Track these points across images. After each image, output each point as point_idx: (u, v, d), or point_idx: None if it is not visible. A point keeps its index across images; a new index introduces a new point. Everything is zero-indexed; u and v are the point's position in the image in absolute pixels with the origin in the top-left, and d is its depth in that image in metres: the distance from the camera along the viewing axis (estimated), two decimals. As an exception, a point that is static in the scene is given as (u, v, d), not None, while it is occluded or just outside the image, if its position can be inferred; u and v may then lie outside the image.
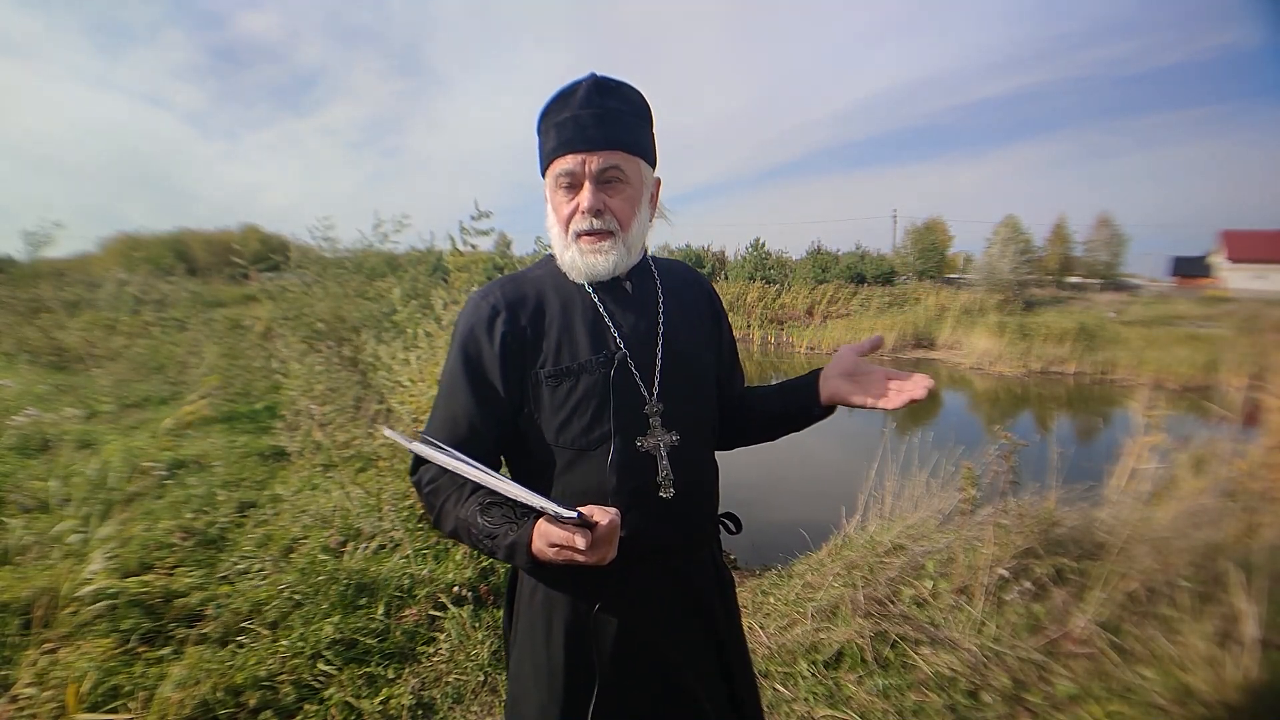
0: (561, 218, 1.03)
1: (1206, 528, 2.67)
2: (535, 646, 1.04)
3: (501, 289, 1.06)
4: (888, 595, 2.68)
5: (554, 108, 1.01)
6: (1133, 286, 29.71)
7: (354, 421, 4.67)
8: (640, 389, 1.03)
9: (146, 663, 2.17)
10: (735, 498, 1.20)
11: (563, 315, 1.04)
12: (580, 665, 1.01)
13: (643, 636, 1.03)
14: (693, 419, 1.07)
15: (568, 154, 0.99)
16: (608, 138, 0.99)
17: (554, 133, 1.00)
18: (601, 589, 1.00)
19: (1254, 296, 23.76)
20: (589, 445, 1.01)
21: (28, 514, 3.33)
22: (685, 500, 1.04)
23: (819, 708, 2.16)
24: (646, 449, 1.02)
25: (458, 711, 2.17)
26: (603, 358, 1.01)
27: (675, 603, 1.06)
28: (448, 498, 0.98)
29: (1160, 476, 3.06)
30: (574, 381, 1.01)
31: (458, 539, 1.00)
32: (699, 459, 1.09)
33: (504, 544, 0.90)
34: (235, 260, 7.46)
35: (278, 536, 3.26)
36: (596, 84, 1.00)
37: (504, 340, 1.01)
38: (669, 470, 1.02)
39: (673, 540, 1.04)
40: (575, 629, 1.02)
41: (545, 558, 0.86)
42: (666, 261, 1.20)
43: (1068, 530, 2.83)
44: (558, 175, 1.01)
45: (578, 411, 1.00)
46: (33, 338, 9.50)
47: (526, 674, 1.05)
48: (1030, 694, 2.15)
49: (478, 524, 0.92)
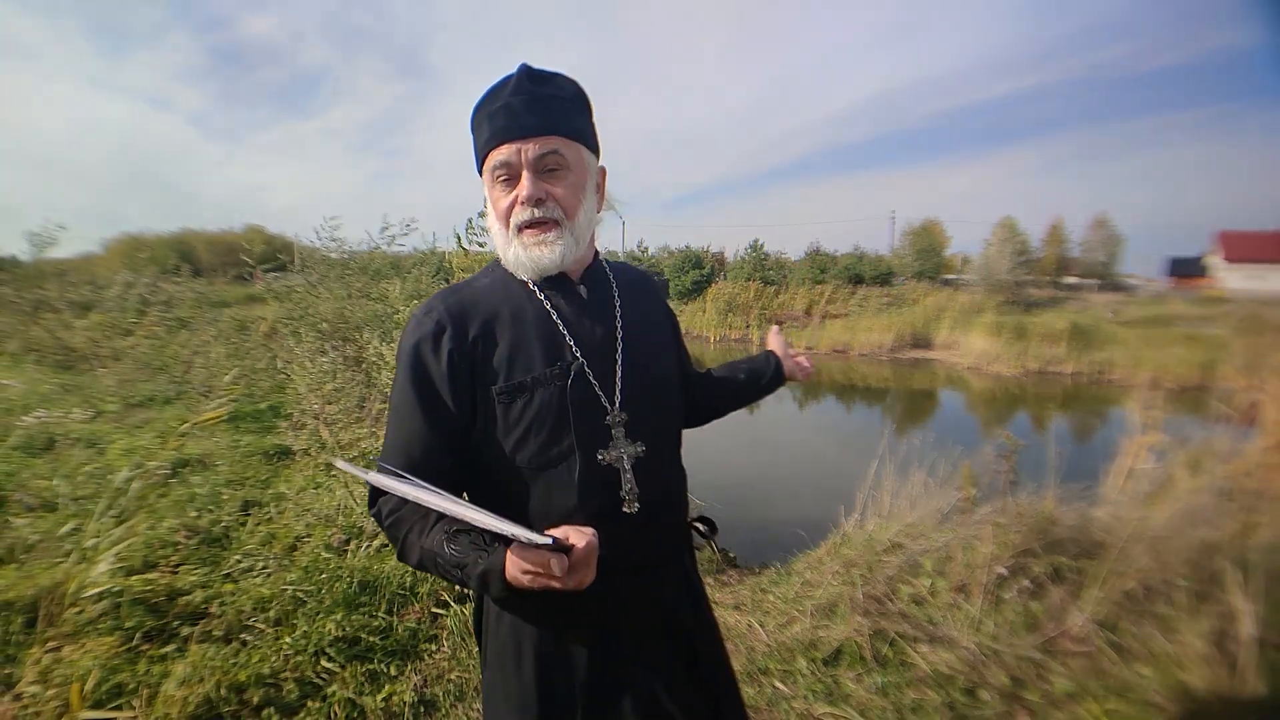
0: (500, 212, 0.96)
1: (1203, 527, 2.68)
2: (506, 674, 0.99)
3: (444, 302, 0.98)
4: (886, 593, 2.70)
5: (486, 101, 0.96)
6: (1129, 287, 29.74)
7: (358, 421, 4.69)
8: (601, 399, 0.98)
9: (150, 660, 2.18)
10: (734, 496, 1.22)
11: (514, 326, 0.97)
12: (554, 693, 0.97)
13: (616, 659, 0.99)
14: (658, 427, 1.03)
15: (502, 144, 0.93)
16: (543, 123, 0.93)
17: (486, 124, 0.94)
18: (570, 612, 0.95)
19: (1250, 297, 23.78)
20: (549, 462, 0.95)
21: (32, 513, 3.34)
22: (651, 513, 0.99)
23: (818, 705, 2.18)
24: (609, 462, 0.96)
25: (460, 709, 2.18)
26: (558, 369, 0.96)
27: (646, 622, 1.02)
28: (410, 529, 0.91)
29: (1157, 476, 3.07)
30: (529, 396, 0.95)
31: (425, 570, 0.93)
32: (666, 468, 1.05)
33: (475, 573, 0.83)
34: (245, 259, 7.47)
35: (281, 535, 3.27)
36: (529, 72, 0.95)
37: (450, 357, 0.94)
38: (633, 484, 0.97)
39: (640, 557, 0.99)
40: (545, 655, 0.97)
41: (521, 585, 0.80)
42: (618, 264, 1.16)
43: (1065, 529, 2.84)
44: (494, 168, 0.95)
45: (534, 428, 0.94)
46: (38, 338, 9.50)
47: (499, 700, 1.01)
48: (1028, 692, 2.16)
49: (444, 554, 0.86)
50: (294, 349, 4.86)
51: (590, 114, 1.02)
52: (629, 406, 0.99)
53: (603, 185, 1.06)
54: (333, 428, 4.28)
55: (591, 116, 1.02)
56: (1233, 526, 2.71)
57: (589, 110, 1.01)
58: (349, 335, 5.20)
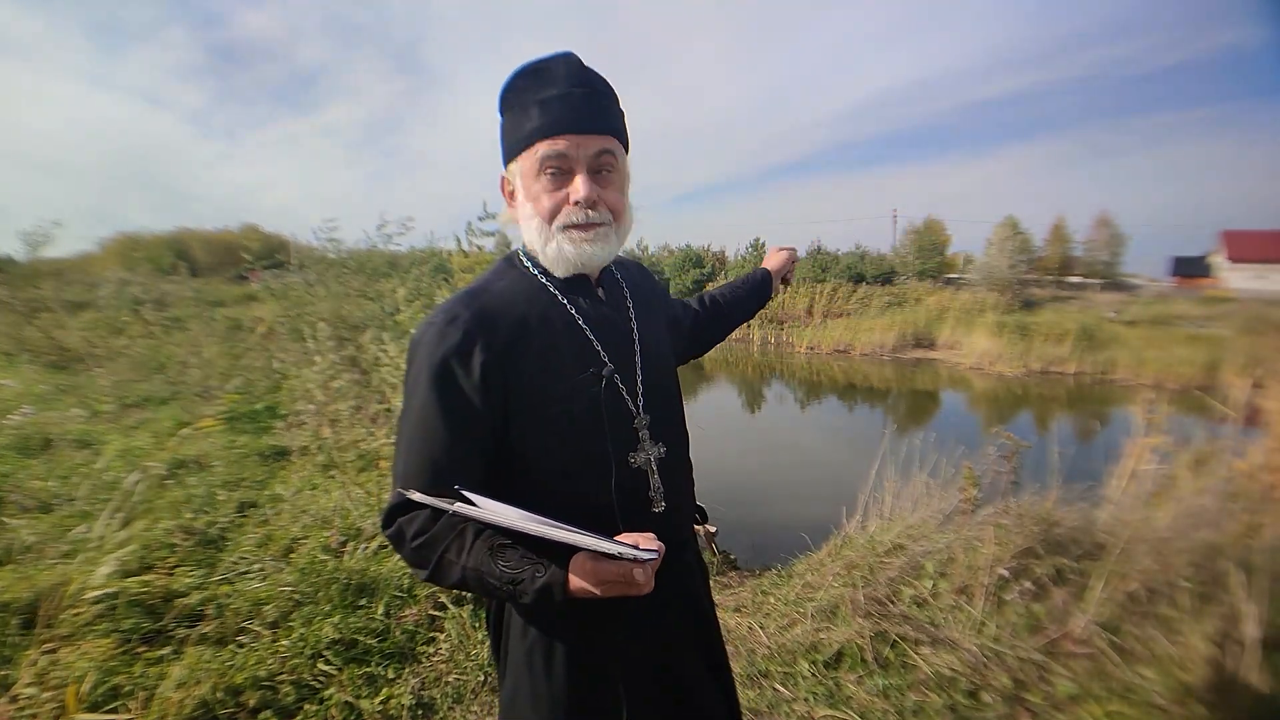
0: (544, 209, 0.92)
1: (1206, 528, 2.67)
2: (535, 678, 0.97)
3: (468, 309, 0.91)
4: (888, 595, 2.68)
5: (531, 83, 0.90)
6: (1132, 286, 29.67)
7: (356, 421, 4.68)
8: (628, 403, 0.98)
9: (146, 663, 2.17)
10: (735, 498, 1.22)
11: (542, 332, 0.94)
12: (590, 696, 0.96)
13: (651, 655, 1.00)
14: (675, 426, 1.06)
15: (559, 135, 0.88)
16: (603, 122, 0.90)
17: (537, 110, 0.89)
18: (607, 612, 0.91)
19: (1254, 296, 23.74)
20: (581, 468, 0.94)
21: (28, 514, 3.33)
22: (673, 510, 1.02)
23: (819, 707, 2.16)
24: (638, 465, 0.97)
25: (458, 711, 2.17)
26: (590, 376, 0.94)
27: (675, 613, 1.04)
28: (447, 548, 0.86)
29: (1160, 477, 3.05)
30: (563, 404, 0.92)
31: (465, 589, 0.89)
32: (681, 466, 1.08)
33: (533, 588, 0.80)
34: (245, 258, 7.45)
35: (278, 536, 3.26)
36: (577, 62, 0.91)
37: (484, 370, 0.88)
38: (659, 483, 0.99)
39: (669, 553, 1.01)
40: (579, 657, 0.96)
41: (588, 595, 0.79)
42: (620, 259, 1.14)
43: (1068, 530, 2.83)
44: (545, 158, 0.89)
45: (569, 435, 0.93)
46: (33, 338, 9.49)
47: (524, 705, 0.98)
48: (1030, 694, 2.15)
49: (495, 570, 0.82)
50: (292, 348, 4.86)
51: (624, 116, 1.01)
52: (650, 409, 1.01)
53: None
54: (336, 426, 4.28)
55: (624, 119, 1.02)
56: (1236, 527, 2.70)
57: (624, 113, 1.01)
58: (346, 335, 5.20)
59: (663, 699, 1.01)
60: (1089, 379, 15.06)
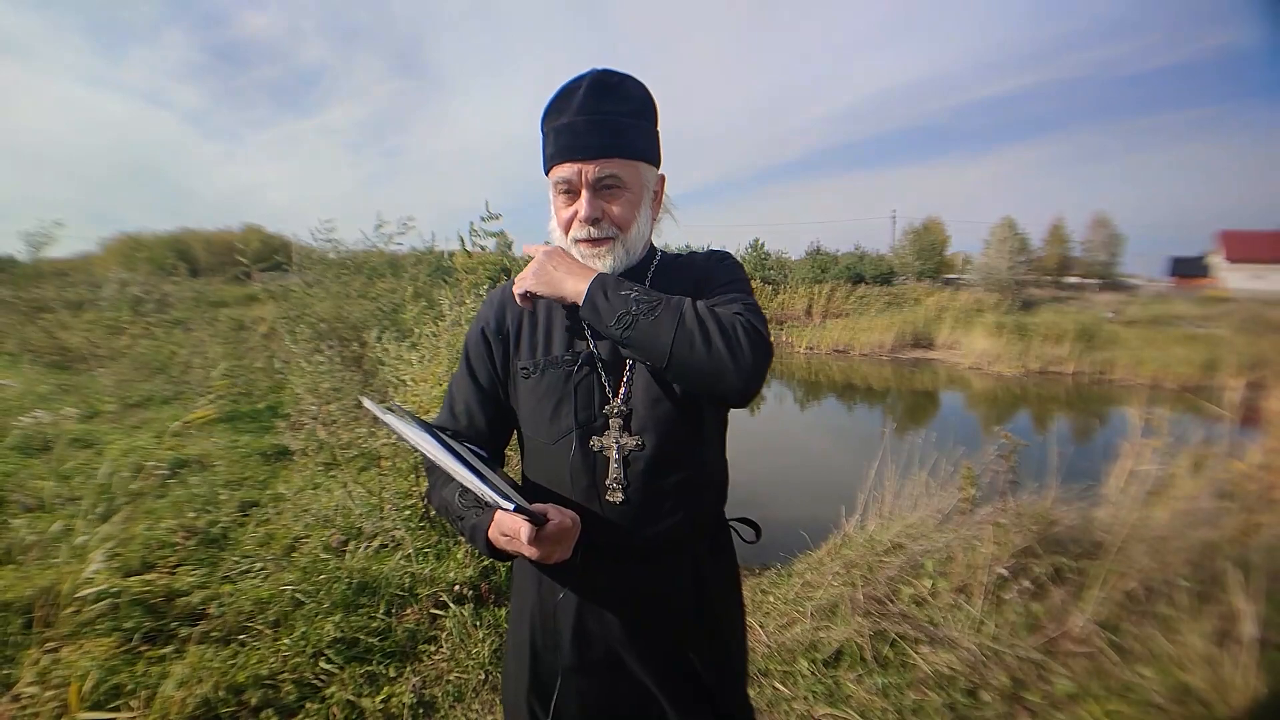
0: (562, 222, 1.05)
1: (1205, 527, 2.68)
2: (515, 629, 1.14)
3: (502, 292, 1.15)
4: (887, 594, 2.69)
5: (553, 110, 1.01)
6: (1131, 286, 29.73)
7: (356, 421, 4.67)
8: (605, 389, 1.03)
9: (148, 662, 2.17)
10: (734, 497, 1.21)
11: (546, 313, 1.09)
12: (545, 650, 1.08)
13: (599, 637, 1.05)
14: (665, 422, 1.02)
15: (565, 162, 0.99)
16: (604, 146, 0.98)
17: (552, 138, 1.00)
18: (563, 585, 1.05)
19: (1252, 296, 23.78)
20: (551, 440, 1.04)
21: (29, 513, 3.33)
22: (641, 505, 1.01)
23: (819, 706, 2.17)
24: (600, 449, 1.02)
25: (459, 710, 2.18)
26: (569, 355, 1.05)
27: (633, 610, 1.04)
28: (439, 476, 1.04)
29: (1158, 476, 3.06)
30: (542, 376, 1.06)
31: (444, 517, 1.06)
32: (670, 464, 1.03)
33: (467, 526, 0.95)
34: (240, 260, 7.42)
35: (280, 536, 3.26)
36: (595, 85, 0.98)
37: (495, 332, 1.10)
38: (620, 474, 1.01)
39: (624, 546, 1.02)
40: (536, 621, 1.08)
41: (499, 545, 0.91)
42: (673, 258, 1.15)
43: (1066, 529, 2.84)
44: (556, 181, 1.02)
45: (542, 406, 1.05)
46: (35, 338, 9.48)
47: (510, 648, 1.16)
48: (1029, 693, 2.16)
49: (454, 504, 0.98)
50: (291, 348, 4.85)
51: (654, 122, 1.04)
52: (634, 400, 1.03)
53: (661, 191, 1.10)
54: (331, 428, 4.28)
55: (655, 124, 1.05)
56: (1234, 527, 2.70)
57: (653, 118, 1.04)
58: (346, 336, 5.20)
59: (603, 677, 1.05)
60: (1087, 379, 15.04)
